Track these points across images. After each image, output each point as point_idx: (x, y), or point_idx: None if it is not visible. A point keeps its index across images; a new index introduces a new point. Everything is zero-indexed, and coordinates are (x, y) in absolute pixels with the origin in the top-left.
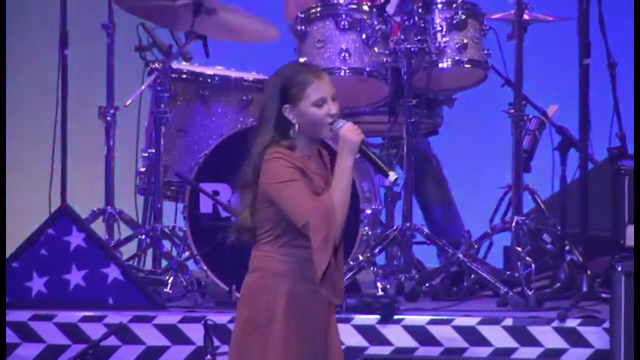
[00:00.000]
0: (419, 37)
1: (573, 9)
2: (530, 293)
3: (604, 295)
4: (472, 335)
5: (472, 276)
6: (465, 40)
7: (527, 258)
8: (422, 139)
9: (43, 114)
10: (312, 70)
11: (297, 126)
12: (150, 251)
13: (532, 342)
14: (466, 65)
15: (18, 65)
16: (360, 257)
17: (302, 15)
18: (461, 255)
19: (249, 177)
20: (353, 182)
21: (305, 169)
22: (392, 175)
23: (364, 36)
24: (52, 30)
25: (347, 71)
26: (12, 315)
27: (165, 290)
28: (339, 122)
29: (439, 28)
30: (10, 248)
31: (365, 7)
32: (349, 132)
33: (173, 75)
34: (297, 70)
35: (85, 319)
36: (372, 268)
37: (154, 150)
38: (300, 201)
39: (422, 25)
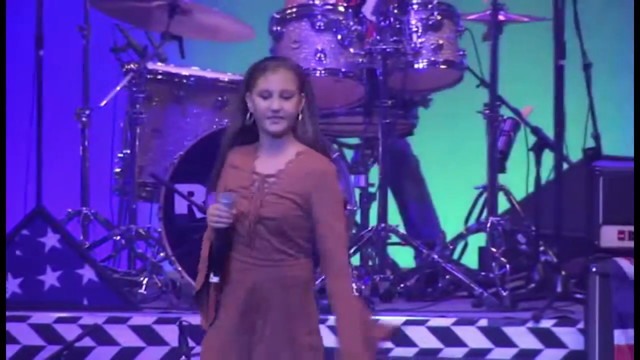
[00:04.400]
0: (394, 38)
1: (548, 10)
2: (505, 294)
3: (578, 296)
4: (447, 336)
5: (447, 277)
6: (441, 41)
7: (502, 259)
8: (401, 139)
9: (18, 115)
10: (273, 62)
11: (250, 114)
12: (125, 252)
13: (507, 342)
14: (442, 66)
15: None
16: None
17: (278, 16)
18: (436, 256)
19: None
20: None
21: (234, 165)
22: (213, 278)
23: (339, 37)
24: (28, 31)
25: (323, 72)
26: None
27: (140, 291)
28: (224, 196)
29: (414, 29)
30: None
31: (341, 8)
32: (208, 212)
33: (148, 76)
34: (262, 60)
35: (60, 320)
36: None
37: (129, 151)
38: None
39: (398, 26)
